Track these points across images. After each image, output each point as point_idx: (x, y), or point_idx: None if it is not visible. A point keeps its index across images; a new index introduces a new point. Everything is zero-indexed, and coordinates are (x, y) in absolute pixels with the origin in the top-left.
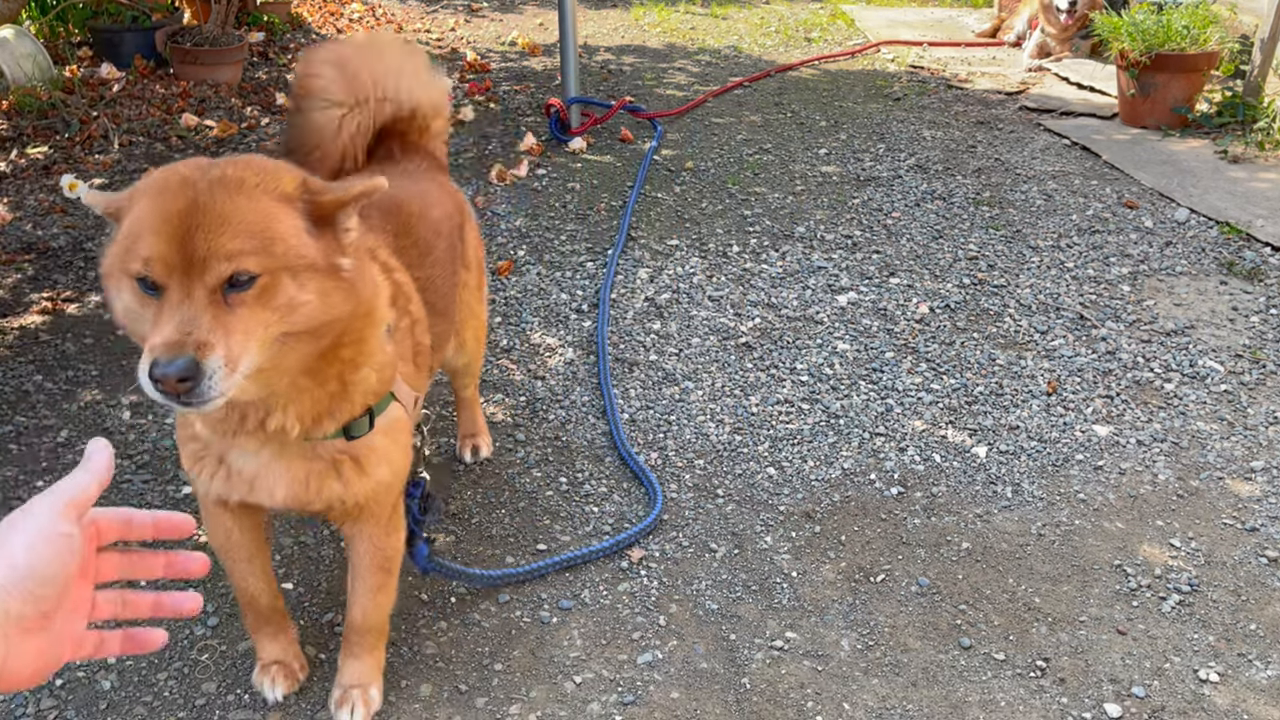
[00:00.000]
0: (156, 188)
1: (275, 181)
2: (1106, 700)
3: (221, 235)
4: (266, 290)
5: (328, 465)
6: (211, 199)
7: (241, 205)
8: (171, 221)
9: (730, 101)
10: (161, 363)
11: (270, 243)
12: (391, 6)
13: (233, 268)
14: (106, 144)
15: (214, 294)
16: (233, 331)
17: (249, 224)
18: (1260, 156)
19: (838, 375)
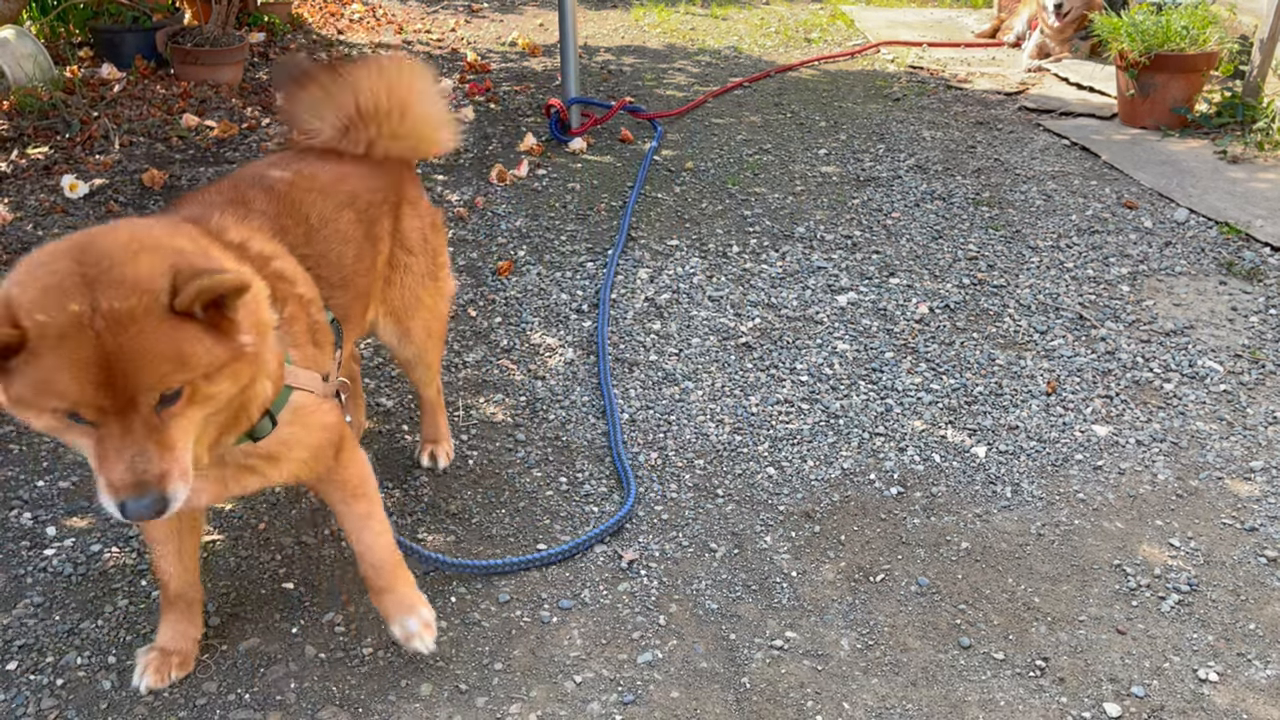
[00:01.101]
0: (54, 334)
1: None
2: (1106, 700)
3: (139, 374)
4: (190, 396)
5: (239, 467)
6: (115, 341)
7: (147, 339)
8: (87, 370)
9: (730, 102)
10: (132, 503)
11: (182, 361)
12: (392, 7)
13: (158, 394)
14: (107, 144)
15: (149, 422)
16: (174, 445)
17: (157, 355)
18: (1259, 157)
19: (837, 375)
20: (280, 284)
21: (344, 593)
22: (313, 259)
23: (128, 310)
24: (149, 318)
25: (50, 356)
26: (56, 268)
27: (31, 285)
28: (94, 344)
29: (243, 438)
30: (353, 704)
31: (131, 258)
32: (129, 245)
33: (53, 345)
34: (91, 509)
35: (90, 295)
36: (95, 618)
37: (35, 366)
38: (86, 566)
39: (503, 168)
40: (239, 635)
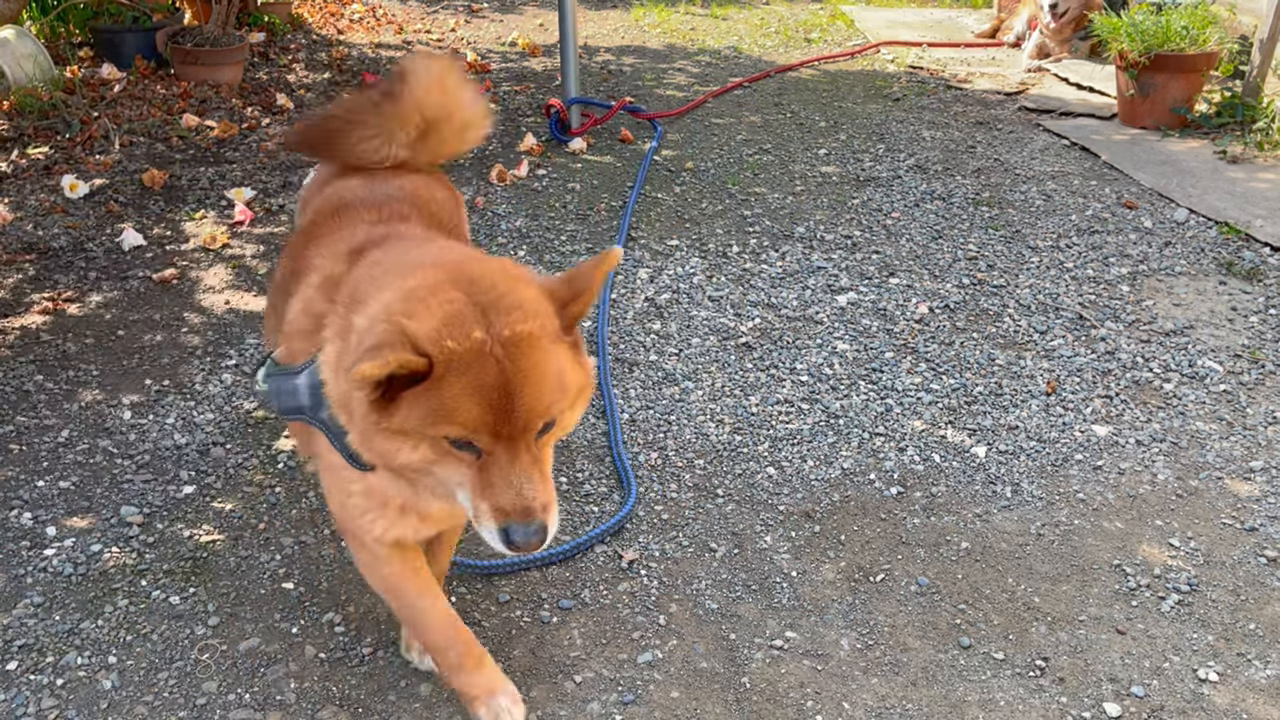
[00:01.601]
0: (460, 361)
1: (549, 322)
2: (1106, 699)
3: (536, 400)
4: (558, 422)
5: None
6: (516, 367)
7: (540, 364)
8: (490, 396)
9: (730, 102)
10: (519, 530)
11: (564, 389)
12: (392, 7)
13: (543, 421)
14: (107, 144)
15: (531, 447)
16: (548, 475)
17: (551, 380)
18: (1259, 157)
19: (837, 375)
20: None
21: (344, 593)
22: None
23: (526, 335)
24: (543, 342)
25: (455, 383)
26: (450, 297)
27: (428, 315)
28: (496, 370)
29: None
30: (353, 704)
31: (514, 285)
32: (504, 272)
33: (458, 372)
34: (91, 509)
35: (487, 322)
36: (95, 618)
37: (436, 394)
38: (86, 566)
39: (503, 168)
40: (239, 635)
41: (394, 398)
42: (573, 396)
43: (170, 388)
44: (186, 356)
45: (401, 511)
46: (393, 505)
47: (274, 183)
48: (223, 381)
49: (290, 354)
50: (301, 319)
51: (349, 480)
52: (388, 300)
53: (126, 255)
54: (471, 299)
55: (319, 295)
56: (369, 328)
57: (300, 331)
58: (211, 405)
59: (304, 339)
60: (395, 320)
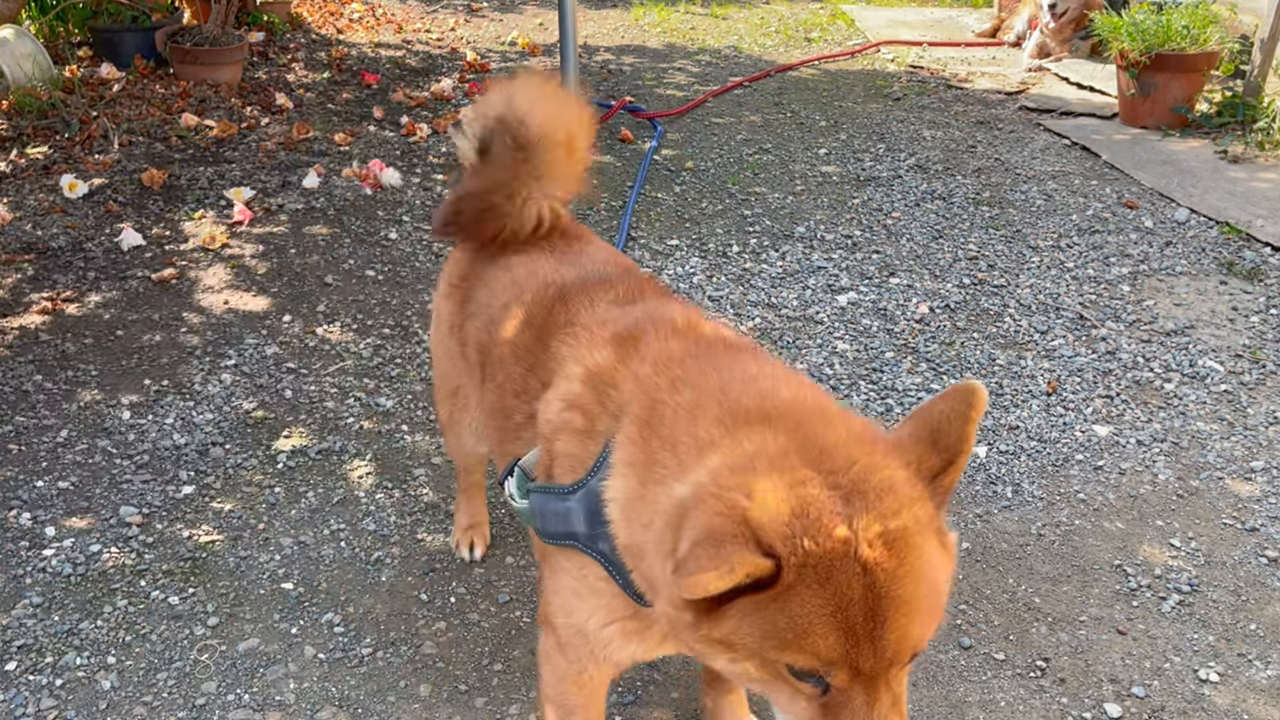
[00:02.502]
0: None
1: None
2: (1106, 700)
3: (911, 624)
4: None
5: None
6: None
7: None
8: (852, 616)
9: (730, 101)
10: None
11: (938, 609)
12: (391, 6)
13: (916, 651)
14: (106, 144)
15: (892, 687)
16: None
17: (930, 595)
18: (1260, 156)
19: (838, 375)
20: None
21: (343, 593)
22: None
23: (902, 534)
24: (919, 543)
25: (809, 598)
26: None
27: (775, 500)
28: (863, 584)
29: None
30: (352, 704)
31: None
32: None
33: (814, 583)
34: (91, 509)
35: (851, 514)
36: (94, 618)
37: (784, 610)
38: (85, 567)
39: None
40: (239, 635)
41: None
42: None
43: (169, 388)
44: (185, 356)
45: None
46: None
47: (273, 182)
48: (222, 381)
49: (550, 456)
50: (568, 415)
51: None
52: (716, 467)
53: (125, 255)
54: (827, 478)
55: (586, 390)
56: (696, 502)
57: (568, 430)
58: (210, 405)
59: (573, 440)
60: (732, 500)
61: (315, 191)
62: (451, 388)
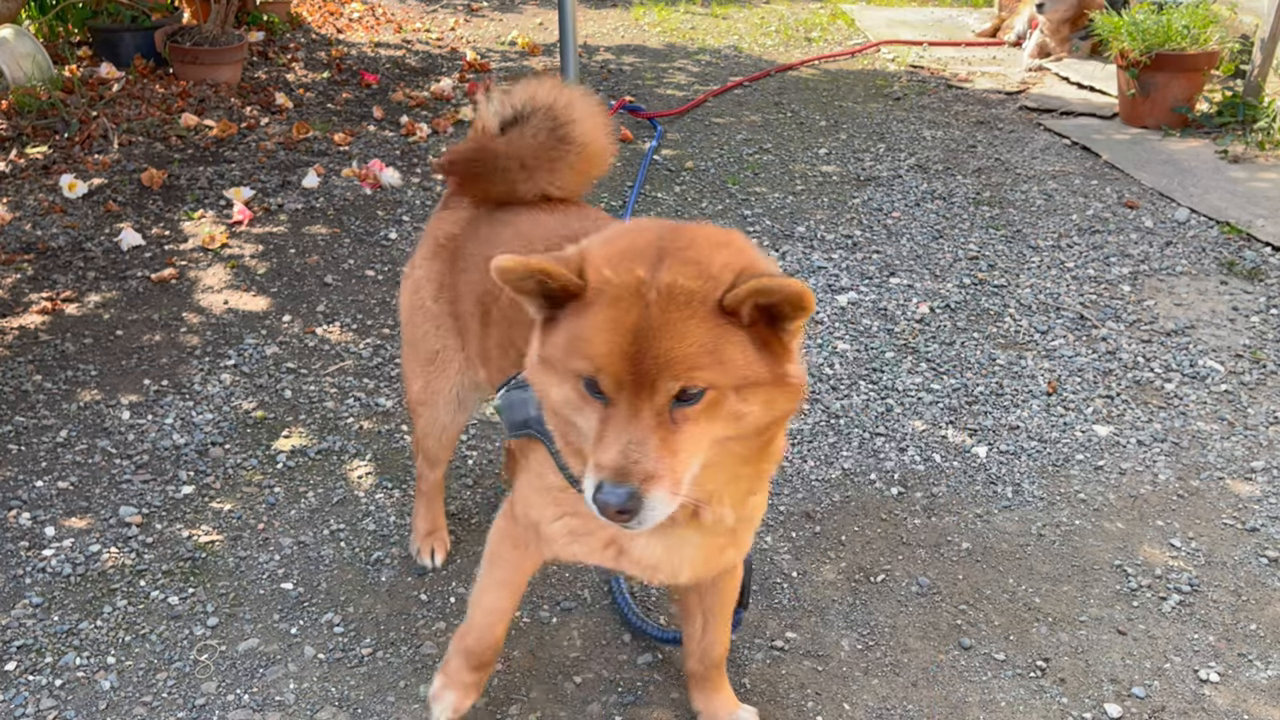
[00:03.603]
0: (610, 293)
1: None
2: (1107, 700)
3: (670, 354)
4: (712, 404)
5: (728, 537)
6: (663, 316)
7: (692, 324)
8: (624, 334)
9: (730, 101)
10: (606, 489)
11: (719, 362)
12: (391, 6)
13: (681, 385)
14: (106, 144)
15: (661, 414)
16: (678, 452)
17: (699, 343)
18: (1260, 156)
19: (838, 375)
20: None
21: (343, 593)
22: None
23: (687, 291)
24: (704, 305)
25: (597, 314)
26: (642, 240)
27: (609, 248)
28: (640, 311)
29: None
30: (352, 704)
31: (713, 248)
32: (716, 237)
33: (605, 304)
34: (90, 510)
35: (658, 267)
36: (94, 618)
37: (579, 321)
38: (85, 567)
39: None
40: (238, 635)
41: (552, 319)
42: (736, 379)
43: (169, 388)
44: (185, 356)
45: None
46: (599, 535)
47: (273, 182)
48: (221, 381)
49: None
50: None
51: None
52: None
53: (125, 255)
54: (659, 244)
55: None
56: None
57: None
58: (210, 405)
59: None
60: (587, 245)
61: (315, 191)
62: (430, 354)
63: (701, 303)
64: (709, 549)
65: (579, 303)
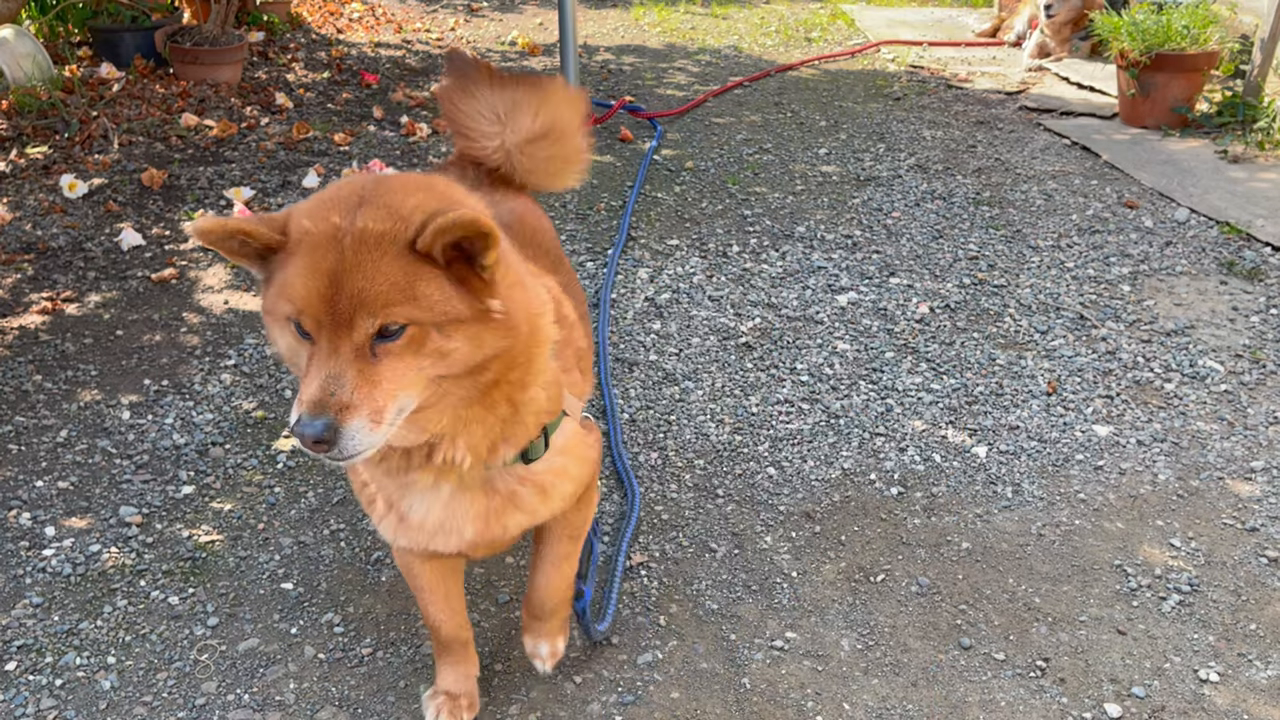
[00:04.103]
0: (309, 242)
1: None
2: (1106, 700)
3: (366, 294)
4: (414, 340)
5: (506, 499)
6: (356, 258)
7: (385, 265)
8: (320, 277)
9: (730, 101)
10: (304, 421)
11: (414, 299)
12: (391, 6)
13: (377, 323)
14: (106, 144)
15: (360, 349)
16: (379, 384)
17: (393, 282)
18: (1260, 156)
19: (838, 375)
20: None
21: (343, 593)
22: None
23: (379, 234)
24: (396, 246)
25: (298, 261)
26: (345, 191)
27: (317, 199)
28: (336, 255)
29: (516, 457)
30: (352, 704)
31: (409, 192)
32: (415, 182)
33: (304, 252)
34: (90, 509)
35: (354, 214)
36: (94, 618)
37: (283, 269)
38: (85, 567)
39: None
40: (239, 635)
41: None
42: (435, 315)
43: (169, 388)
44: (185, 356)
45: (389, 508)
46: (380, 501)
47: (273, 182)
48: (221, 381)
49: None
50: None
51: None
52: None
53: (125, 255)
54: (361, 194)
55: None
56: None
57: None
58: (210, 405)
59: None
60: (293, 206)
61: (315, 191)
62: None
63: (392, 243)
64: (487, 511)
65: (284, 254)
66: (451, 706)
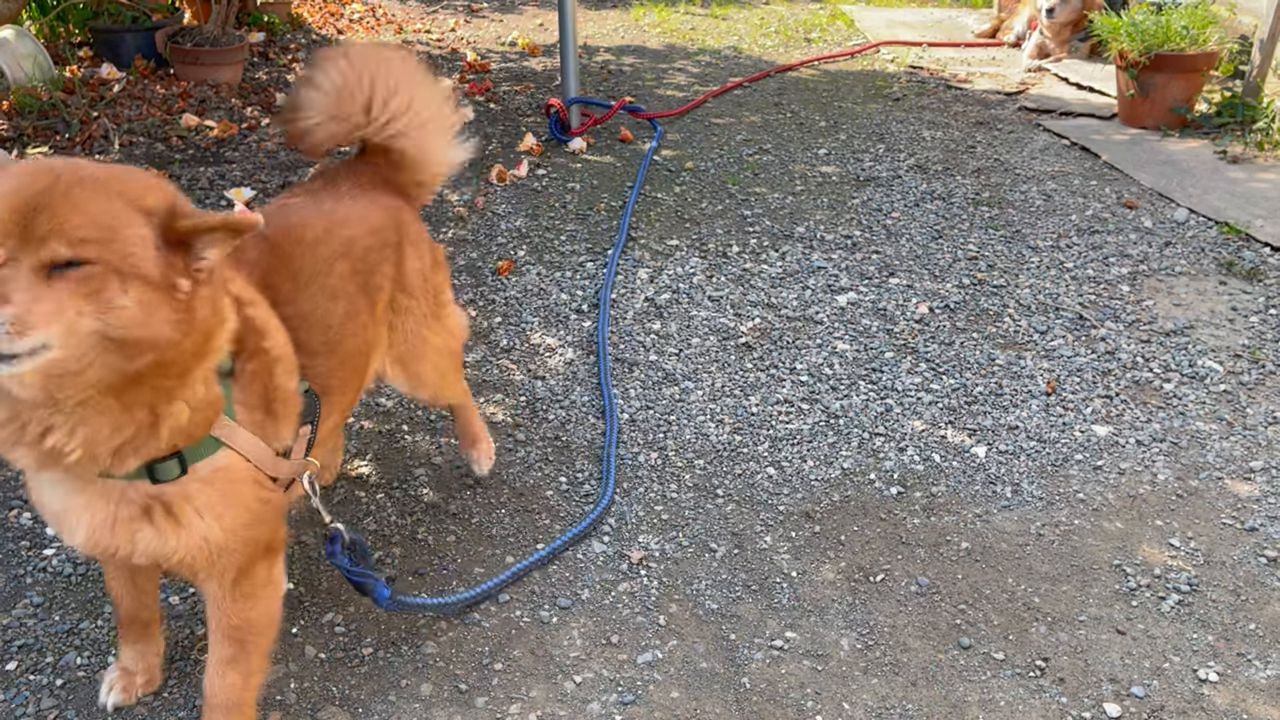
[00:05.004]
0: (26, 168)
1: (138, 192)
2: (1106, 700)
3: (61, 217)
4: (89, 279)
5: (137, 511)
6: (67, 188)
7: (92, 200)
8: (23, 195)
9: (730, 102)
10: None
11: (106, 240)
12: (392, 7)
13: (60, 248)
14: (107, 144)
15: (38, 270)
16: (40, 300)
17: (92, 216)
18: (1259, 156)
19: (837, 375)
20: (249, 334)
21: (344, 593)
22: (296, 319)
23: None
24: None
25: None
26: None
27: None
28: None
29: (140, 472)
30: (352, 704)
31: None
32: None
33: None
34: None
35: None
36: (95, 618)
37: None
38: (86, 566)
39: (503, 168)
40: None
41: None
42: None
43: None
44: None
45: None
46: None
47: (274, 183)
48: None
49: None
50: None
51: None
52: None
53: None
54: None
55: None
56: None
57: None
58: None
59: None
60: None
61: None
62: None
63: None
64: (112, 519)
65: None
66: (126, 683)
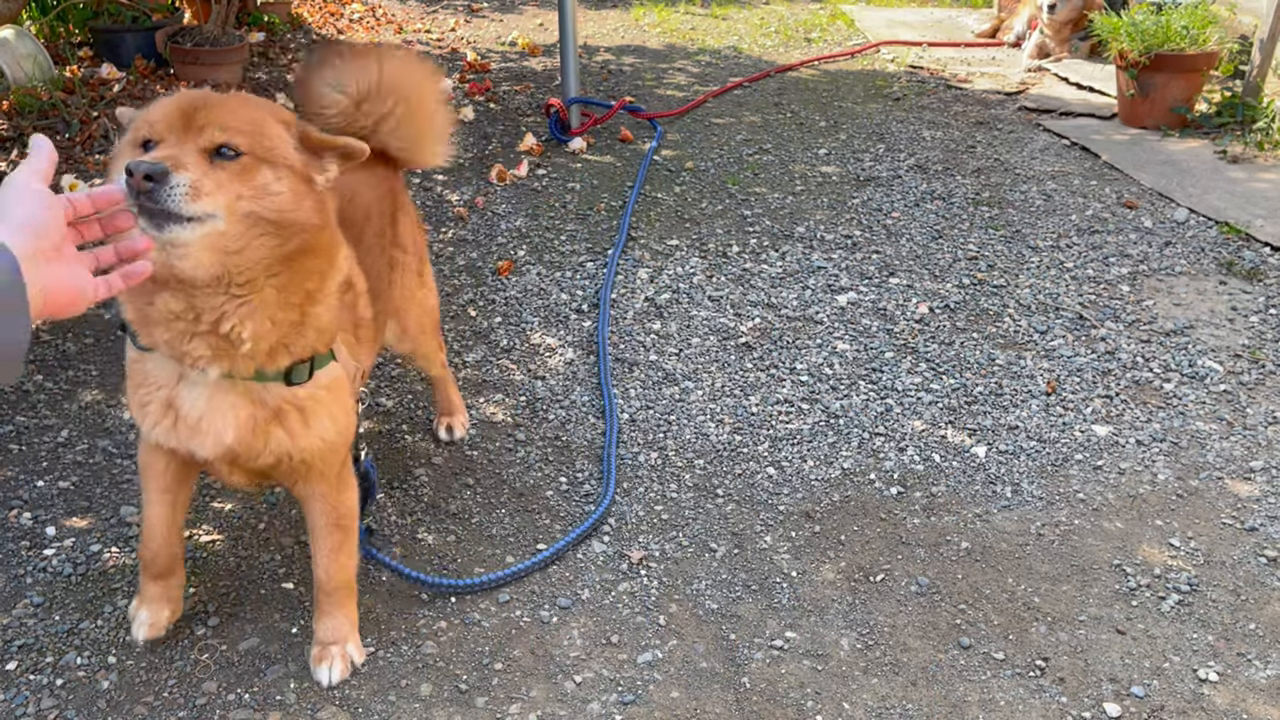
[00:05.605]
0: (184, 91)
1: (276, 109)
2: (1106, 700)
3: (217, 114)
4: (248, 169)
5: (272, 413)
6: (221, 100)
7: (241, 107)
8: (181, 105)
9: (730, 101)
10: (136, 160)
11: (260, 135)
12: (391, 7)
13: (224, 138)
14: (107, 144)
15: (203, 152)
16: (208, 174)
17: (245, 117)
18: (1259, 156)
19: (837, 375)
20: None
21: None
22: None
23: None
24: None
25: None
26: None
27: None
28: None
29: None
30: (352, 704)
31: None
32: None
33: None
34: (91, 509)
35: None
36: (95, 618)
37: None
38: (86, 566)
39: (503, 168)
40: (239, 635)
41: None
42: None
43: None
44: None
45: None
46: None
47: None
48: None
49: None
50: None
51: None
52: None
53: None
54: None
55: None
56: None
57: None
58: None
59: None
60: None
61: None
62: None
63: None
64: (253, 419)
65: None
66: (154, 618)
